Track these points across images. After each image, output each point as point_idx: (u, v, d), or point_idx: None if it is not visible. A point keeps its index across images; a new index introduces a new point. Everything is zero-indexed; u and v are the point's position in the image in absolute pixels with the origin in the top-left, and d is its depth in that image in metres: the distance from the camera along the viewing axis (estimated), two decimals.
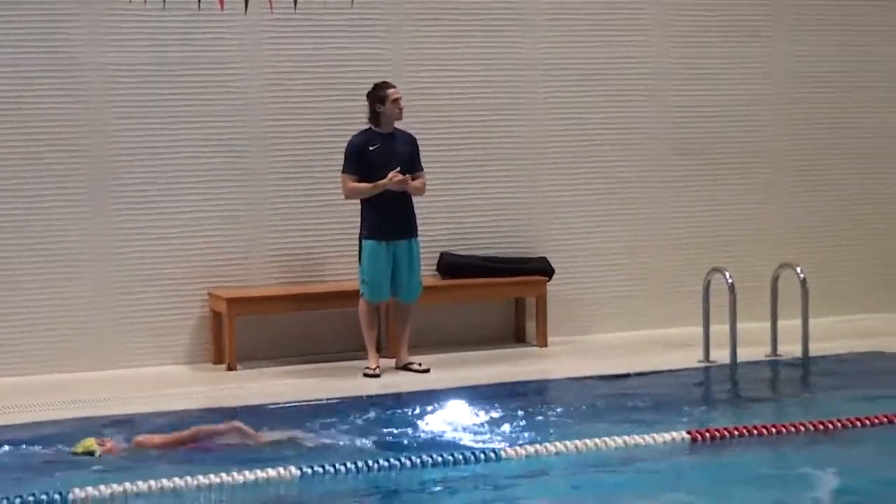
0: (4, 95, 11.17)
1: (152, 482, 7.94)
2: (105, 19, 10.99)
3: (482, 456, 8.44)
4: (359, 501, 8.00)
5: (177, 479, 7.96)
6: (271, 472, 8.09)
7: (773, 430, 9.08)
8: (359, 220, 11.35)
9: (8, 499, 7.66)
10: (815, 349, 11.29)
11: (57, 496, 7.68)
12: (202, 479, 7.98)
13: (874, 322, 13.03)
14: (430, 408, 10.11)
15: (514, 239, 12.66)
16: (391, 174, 11.09)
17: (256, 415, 9.81)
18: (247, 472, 8.08)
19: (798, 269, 11.27)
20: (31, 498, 7.65)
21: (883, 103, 13.78)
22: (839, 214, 13.67)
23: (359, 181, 11.22)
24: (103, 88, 11.43)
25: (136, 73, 11.50)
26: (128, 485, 7.89)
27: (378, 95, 11.28)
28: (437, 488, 8.07)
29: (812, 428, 9.10)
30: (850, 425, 9.14)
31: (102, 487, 7.85)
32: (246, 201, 11.90)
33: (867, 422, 9.20)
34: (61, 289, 11.37)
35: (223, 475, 8.02)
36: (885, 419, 9.24)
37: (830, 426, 9.12)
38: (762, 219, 13.37)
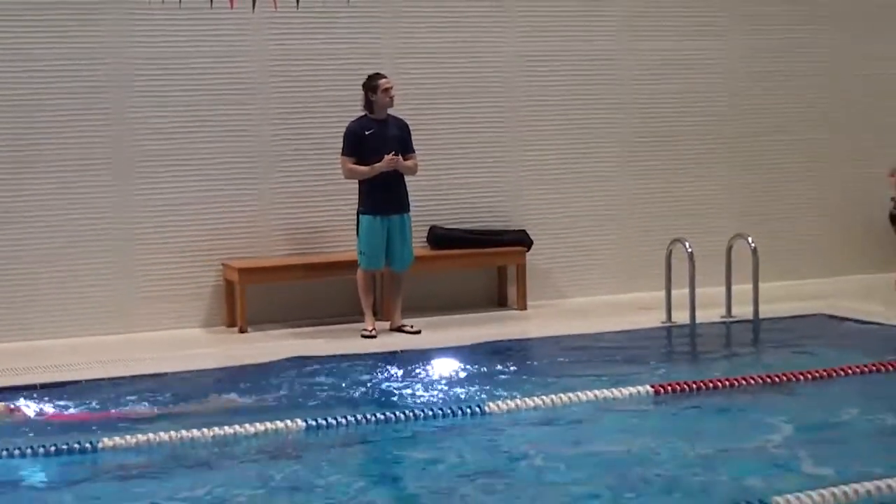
0: (38, 86, 11.20)
1: (172, 433, 8.01)
2: (127, 17, 11.00)
3: (468, 409, 8.48)
4: (358, 451, 8.00)
5: (195, 431, 8.01)
6: (280, 424, 8.13)
7: (728, 383, 9.14)
8: (356, 197, 11.38)
9: (44, 447, 7.74)
10: (765, 311, 11.29)
11: (88, 445, 7.77)
12: (217, 431, 8.02)
13: (819, 286, 13.05)
14: (421, 366, 10.14)
15: (497, 213, 12.70)
16: (387, 157, 11.16)
17: (264, 372, 9.90)
18: (258, 424, 8.12)
19: (749, 240, 11.30)
20: (64, 447, 7.73)
21: (821, 89, 13.81)
22: (787, 189, 13.71)
23: (356, 163, 11.26)
24: (126, 79, 11.45)
25: (155, 64, 11.52)
26: (151, 435, 7.95)
27: (371, 85, 11.30)
28: (428, 439, 8.08)
29: (762, 381, 9.16)
30: (794, 379, 9.20)
31: (129, 437, 7.94)
32: (254, 181, 11.93)
33: (809, 375, 9.26)
34: (90, 261, 11.43)
35: (236, 427, 8.06)
36: (825, 373, 9.30)
37: (777, 379, 9.18)
38: (717, 194, 13.42)
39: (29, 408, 8.82)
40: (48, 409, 8.82)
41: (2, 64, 11.13)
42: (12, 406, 8.72)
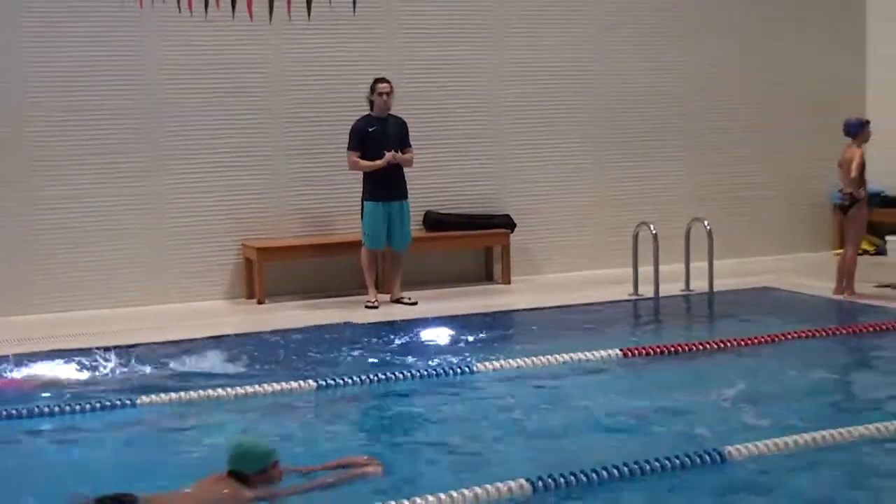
0: (81, 88, 11.23)
1: (201, 391, 8.03)
2: (160, 26, 10.98)
3: (459, 370, 8.55)
4: (362, 406, 8.03)
5: (220, 390, 8.04)
6: (293, 384, 8.17)
7: (687, 347, 9.19)
8: (361, 185, 11.41)
9: (91, 402, 7.76)
10: (719, 285, 11.31)
11: (128, 401, 7.81)
12: (239, 390, 8.05)
13: (766, 263, 13.08)
14: (417, 332, 10.20)
15: (484, 200, 12.71)
16: (387, 156, 11.18)
17: (279, 338, 9.92)
18: (274, 384, 8.16)
19: (705, 223, 11.32)
20: (108, 403, 7.76)
21: (771, 87, 13.82)
22: (738, 178, 13.73)
23: (360, 156, 11.30)
24: (159, 81, 11.46)
25: (185, 68, 11.55)
26: (182, 393, 7.98)
27: (372, 88, 11.33)
28: (424, 396, 8.12)
29: (716, 345, 9.23)
30: (743, 343, 9.25)
31: (163, 395, 7.97)
32: (271, 171, 11.95)
33: (756, 340, 9.32)
34: (127, 241, 11.47)
35: (256, 386, 8.09)
36: (770, 338, 9.36)
37: (729, 344, 9.24)
38: (678, 183, 13.43)
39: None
40: (102, 369, 8.86)
41: (56, 70, 11.15)
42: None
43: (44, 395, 8.10)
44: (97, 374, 8.76)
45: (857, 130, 11.09)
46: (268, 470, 5.70)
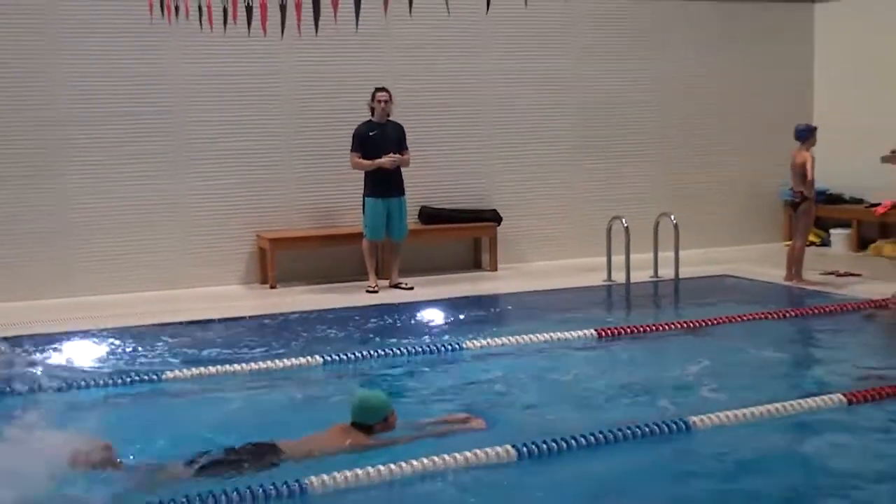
0: (113, 96, 11.19)
1: (219, 367, 8.00)
2: (184, 41, 10.92)
3: (450, 346, 8.54)
4: (364, 379, 7.98)
5: (236, 365, 8.02)
6: (302, 360, 8.16)
7: (655, 327, 9.21)
8: (363, 183, 11.38)
9: (120, 376, 7.75)
10: (684, 272, 11.30)
11: (154, 376, 7.79)
12: (253, 365, 8.03)
13: (725, 253, 13.06)
14: (413, 314, 10.19)
15: (474, 196, 12.68)
16: (385, 157, 11.14)
17: (289, 320, 9.91)
18: (285, 360, 8.14)
19: (672, 217, 11.30)
20: (137, 378, 7.73)
21: (729, 97, 13.82)
22: (701, 178, 13.73)
23: (362, 157, 11.28)
24: (183, 89, 11.44)
25: (206, 78, 11.52)
26: (202, 368, 7.95)
27: (372, 96, 11.30)
28: (419, 370, 8.12)
29: (681, 326, 9.25)
30: (705, 324, 9.27)
31: (186, 370, 7.92)
32: (283, 170, 11.92)
33: (716, 321, 9.34)
34: (155, 232, 11.46)
35: (268, 362, 8.07)
36: (728, 319, 9.39)
37: (693, 324, 9.26)
38: (647, 181, 13.42)
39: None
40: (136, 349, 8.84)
41: (91, 80, 11.12)
42: None
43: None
44: (125, 353, 8.74)
45: (806, 135, 11.10)
46: (386, 420, 6.05)
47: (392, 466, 5.68)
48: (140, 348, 8.75)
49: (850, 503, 5.50)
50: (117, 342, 8.97)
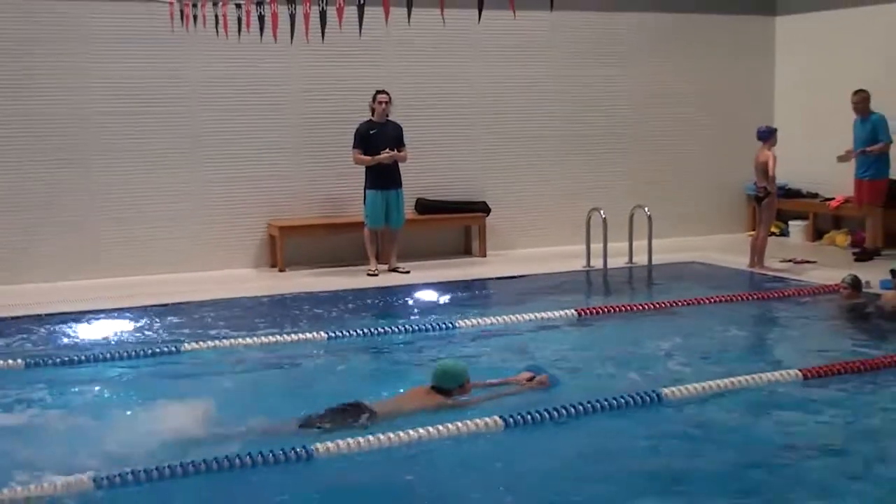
0: (137, 96, 11.13)
1: (232, 339, 8.04)
2: (202, 46, 10.85)
3: (444, 325, 8.54)
4: (364, 355, 8.01)
5: (248, 339, 8.06)
6: (309, 335, 8.17)
7: (629, 307, 9.23)
8: (363, 177, 11.33)
9: (145, 350, 7.76)
10: (656, 259, 11.30)
11: (174, 348, 7.80)
12: (263, 339, 8.06)
13: (695, 242, 12.97)
14: (410, 296, 10.18)
15: (465, 189, 12.61)
16: (384, 153, 11.12)
17: (297, 300, 9.90)
18: (293, 335, 8.16)
19: (646, 209, 11.29)
20: (158, 350, 7.74)
21: (698, 101, 13.77)
22: (673, 174, 13.67)
23: (363, 154, 11.24)
24: (200, 91, 11.38)
25: (222, 81, 11.45)
26: (217, 342, 8.00)
27: (373, 98, 11.26)
28: (417, 345, 8.12)
29: (653, 306, 9.25)
30: (675, 305, 9.29)
31: (202, 342, 7.94)
32: (291, 164, 11.86)
33: (685, 303, 9.36)
34: (174, 221, 11.41)
35: (278, 336, 8.10)
36: (696, 301, 9.41)
37: (664, 305, 9.27)
38: (623, 177, 13.35)
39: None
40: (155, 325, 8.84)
41: (117, 82, 11.06)
42: None
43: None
44: (147, 329, 8.74)
45: (768, 136, 11.08)
46: (463, 385, 6.29)
47: (391, 435, 5.68)
48: (192, 323, 8.88)
49: (801, 468, 5.52)
50: (175, 318, 9.04)
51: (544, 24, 12.50)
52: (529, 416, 6.01)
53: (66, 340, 8.36)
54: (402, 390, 6.51)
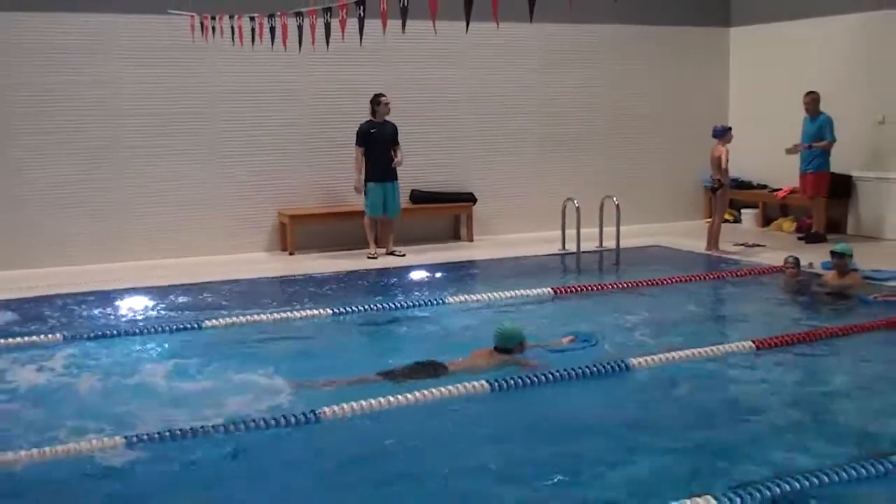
0: (163, 99, 11.08)
1: (250, 316, 7.99)
2: (219, 54, 10.83)
3: (435, 301, 8.55)
4: (365, 328, 7.99)
5: (263, 315, 8.04)
6: (315, 311, 8.15)
7: (599, 286, 9.25)
8: (364, 171, 11.29)
9: (163, 326, 7.73)
10: (624, 244, 11.19)
11: (196, 325, 7.77)
12: (276, 315, 8.03)
13: (657, 228, 13.00)
14: (405, 276, 10.17)
15: (455, 182, 12.59)
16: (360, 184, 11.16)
17: (306, 280, 9.88)
18: (302, 311, 8.15)
19: (614, 199, 11.25)
20: (180, 326, 7.71)
21: (662, 103, 13.75)
22: (639, 167, 13.65)
23: (364, 152, 11.19)
24: (219, 94, 11.32)
25: (238, 85, 11.38)
26: (235, 318, 7.93)
27: (375, 100, 11.21)
28: (411, 319, 8.14)
29: (621, 286, 9.29)
30: (640, 284, 9.29)
31: (221, 319, 7.90)
32: (299, 159, 11.80)
33: (649, 282, 9.35)
34: (194, 209, 11.35)
35: (287, 313, 8.07)
36: (659, 281, 9.40)
37: (630, 284, 9.28)
38: (594, 170, 13.31)
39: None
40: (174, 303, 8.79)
41: (145, 86, 11.01)
42: None
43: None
44: (168, 306, 8.71)
45: (722, 133, 11.08)
46: (521, 344, 6.54)
47: (390, 398, 5.70)
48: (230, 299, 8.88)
49: (753, 427, 5.56)
50: (210, 295, 9.05)
51: (524, 34, 12.47)
52: (512, 382, 6.03)
53: (128, 314, 8.37)
54: (467, 354, 6.66)
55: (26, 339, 7.31)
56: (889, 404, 5.92)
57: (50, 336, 7.37)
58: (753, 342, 6.96)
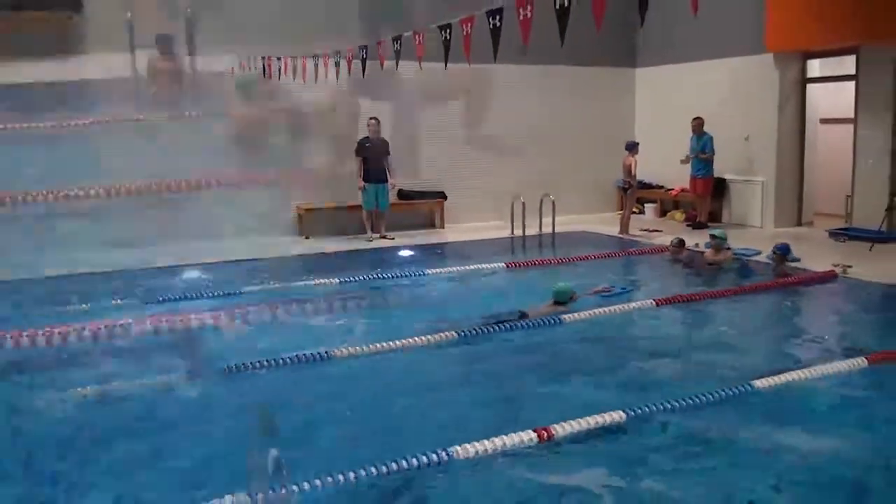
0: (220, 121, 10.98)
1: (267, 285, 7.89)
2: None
3: (418, 273, 8.56)
4: (363, 295, 7.88)
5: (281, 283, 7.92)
6: (326, 280, 8.09)
7: (541, 261, 9.23)
8: (362, 174, 11.25)
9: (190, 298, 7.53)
10: (558, 230, 11.30)
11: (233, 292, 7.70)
12: (299, 283, 7.95)
13: (582, 218, 13.06)
14: (395, 254, 10.16)
15: (430, 183, 12.55)
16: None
17: (320, 258, 9.83)
18: (316, 280, 8.05)
19: (551, 196, 11.36)
20: (218, 293, 7.62)
21: (586, 124, 13.82)
22: (571, 172, 13.66)
23: (361, 161, 11.15)
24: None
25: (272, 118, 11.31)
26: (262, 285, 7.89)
27: (367, 123, 11.21)
28: (399, 287, 8.12)
29: (557, 261, 9.28)
30: (570, 260, 9.33)
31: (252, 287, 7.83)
32: (314, 165, 11.69)
33: (577, 258, 9.40)
34: (230, 205, 10.97)
35: (306, 282, 8.00)
36: (584, 257, 9.47)
37: (562, 260, 9.31)
38: (535, 175, 13.24)
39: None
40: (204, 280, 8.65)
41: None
42: None
43: None
44: (199, 282, 8.53)
45: (632, 147, 11.21)
46: (573, 297, 6.85)
47: (379, 345, 5.71)
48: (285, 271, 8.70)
49: (648, 364, 5.65)
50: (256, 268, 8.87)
51: (483, 72, 12.46)
52: (474, 331, 6.08)
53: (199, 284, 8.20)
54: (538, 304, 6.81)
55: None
56: (750, 342, 6.07)
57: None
58: (654, 300, 7.08)
